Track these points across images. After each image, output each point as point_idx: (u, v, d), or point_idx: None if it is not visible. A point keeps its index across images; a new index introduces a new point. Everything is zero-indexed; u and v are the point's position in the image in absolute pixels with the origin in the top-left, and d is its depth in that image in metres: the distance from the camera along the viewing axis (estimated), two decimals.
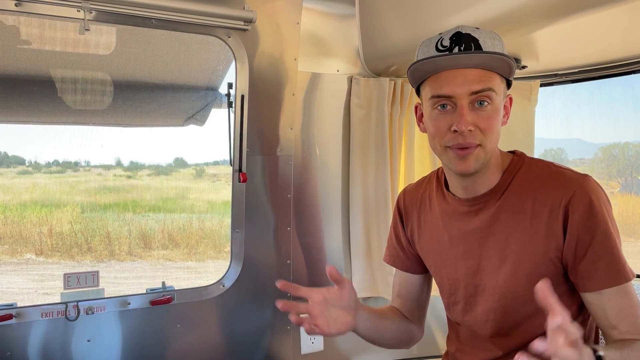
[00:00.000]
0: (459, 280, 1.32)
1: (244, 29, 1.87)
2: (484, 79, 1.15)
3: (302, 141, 2.13)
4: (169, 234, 4.90)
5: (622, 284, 1.14)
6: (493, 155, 1.23)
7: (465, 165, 1.18)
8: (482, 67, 1.16)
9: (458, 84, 1.15)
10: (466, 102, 1.15)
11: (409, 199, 1.49)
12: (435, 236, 1.38)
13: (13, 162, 3.57)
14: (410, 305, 1.51)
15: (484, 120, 1.16)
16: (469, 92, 1.15)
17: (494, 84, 1.16)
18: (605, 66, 2.23)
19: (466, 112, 1.14)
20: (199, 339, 1.99)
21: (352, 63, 2.17)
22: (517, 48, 2.01)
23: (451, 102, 1.17)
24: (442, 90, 1.17)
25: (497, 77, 1.17)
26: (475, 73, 1.15)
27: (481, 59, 1.15)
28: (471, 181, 1.26)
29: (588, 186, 1.17)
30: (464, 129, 1.13)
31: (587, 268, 1.15)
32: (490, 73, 1.16)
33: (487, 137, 1.17)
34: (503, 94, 1.21)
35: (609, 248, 1.14)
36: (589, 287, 1.16)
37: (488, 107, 1.16)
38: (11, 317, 1.69)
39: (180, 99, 2.17)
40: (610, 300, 1.15)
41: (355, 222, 2.19)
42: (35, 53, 1.82)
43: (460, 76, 1.15)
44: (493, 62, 1.15)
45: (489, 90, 1.15)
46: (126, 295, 1.89)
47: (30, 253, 4.25)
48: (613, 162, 3.95)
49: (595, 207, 1.14)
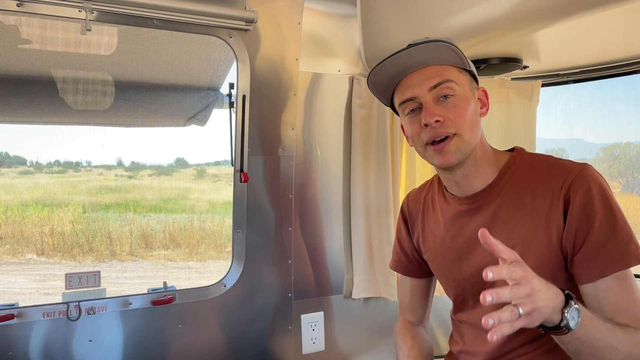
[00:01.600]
0: (465, 280, 1.32)
1: (245, 29, 1.87)
2: (439, 73, 1.21)
3: (303, 141, 2.13)
4: (170, 234, 4.90)
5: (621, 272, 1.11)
6: (478, 146, 1.24)
7: (445, 157, 1.21)
8: (434, 63, 1.22)
9: (416, 84, 1.22)
10: (429, 98, 1.21)
11: (412, 204, 1.49)
12: (439, 239, 1.38)
13: (14, 162, 3.57)
14: (418, 307, 1.54)
15: (451, 110, 1.20)
16: (428, 88, 1.21)
17: (450, 76, 1.22)
18: (606, 66, 2.23)
19: (431, 106, 1.20)
20: (200, 339, 1.99)
21: (353, 63, 2.17)
22: (518, 48, 2.00)
23: (416, 102, 1.23)
24: (405, 95, 1.24)
25: (453, 69, 1.23)
26: (430, 70, 1.22)
27: (428, 54, 1.20)
28: (460, 175, 1.26)
29: (587, 174, 1.16)
30: (430, 120, 1.18)
31: (585, 258, 1.13)
32: (444, 67, 1.22)
33: (459, 126, 1.20)
34: (469, 86, 1.25)
35: (608, 236, 1.12)
36: (586, 278, 1.14)
37: (452, 98, 1.21)
38: (13, 317, 1.70)
39: (182, 99, 2.17)
40: (607, 292, 1.12)
41: (357, 222, 2.19)
42: (37, 53, 1.82)
43: (416, 77, 1.23)
44: (442, 55, 1.21)
45: (448, 82, 1.21)
46: (128, 295, 1.89)
47: (31, 253, 4.25)
48: (614, 163, 3.94)
49: (595, 194, 1.13)
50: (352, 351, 2.25)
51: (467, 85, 1.24)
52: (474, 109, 1.24)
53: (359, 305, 2.23)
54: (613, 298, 1.12)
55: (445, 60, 1.22)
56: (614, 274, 1.12)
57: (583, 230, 1.13)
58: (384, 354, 2.28)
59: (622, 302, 1.12)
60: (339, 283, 2.21)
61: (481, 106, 1.28)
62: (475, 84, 1.28)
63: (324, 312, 2.19)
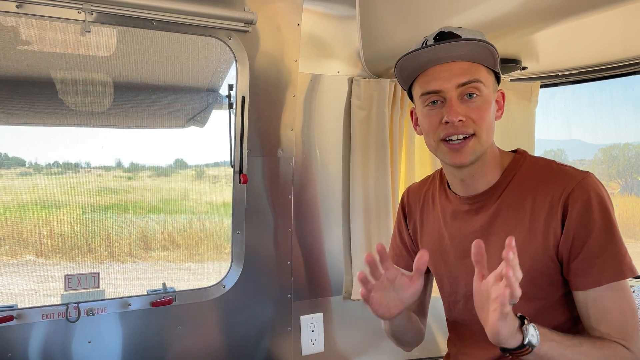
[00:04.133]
0: (459, 279, 1.32)
1: (244, 30, 1.87)
2: (469, 71, 1.18)
3: (302, 142, 2.13)
4: (170, 235, 4.90)
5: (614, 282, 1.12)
6: (489, 147, 1.23)
7: (461, 157, 1.20)
8: (467, 59, 1.18)
9: (445, 78, 1.18)
10: (455, 95, 1.18)
11: (412, 197, 1.49)
12: (436, 234, 1.38)
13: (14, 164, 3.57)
14: (415, 305, 1.52)
15: (475, 110, 1.18)
16: (456, 85, 1.18)
17: (480, 75, 1.19)
18: (605, 67, 2.23)
19: (455, 104, 1.17)
20: (199, 340, 1.99)
21: (352, 64, 2.17)
22: (517, 49, 2.01)
23: (440, 96, 1.19)
24: (430, 86, 1.20)
25: (483, 69, 1.20)
26: (460, 66, 1.18)
27: (463, 49, 1.17)
28: (468, 174, 1.26)
29: (588, 182, 1.16)
30: (454, 119, 1.16)
31: (581, 266, 1.14)
32: (475, 65, 1.19)
33: (480, 127, 1.18)
34: (492, 87, 1.23)
35: (605, 246, 1.13)
36: (580, 285, 1.15)
37: (477, 99, 1.18)
38: (12, 318, 1.69)
39: (181, 101, 2.17)
40: (596, 300, 1.13)
41: (356, 223, 2.19)
42: (36, 54, 1.82)
43: (446, 71, 1.18)
44: (476, 52, 1.18)
45: (476, 82, 1.18)
46: (127, 296, 1.89)
47: (30, 254, 4.25)
48: (613, 163, 3.94)
49: (594, 204, 1.14)
50: (351, 352, 2.25)
51: (491, 87, 1.22)
52: (494, 111, 1.23)
53: (359, 306, 2.23)
54: (601, 307, 1.13)
55: (478, 59, 1.19)
56: (608, 284, 1.12)
57: (580, 239, 1.14)
58: (383, 355, 2.28)
59: (609, 312, 1.13)
60: (338, 284, 2.21)
61: (497, 109, 1.26)
62: (497, 85, 1.26)
63: (323, 313, 2.19)
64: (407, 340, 1.46)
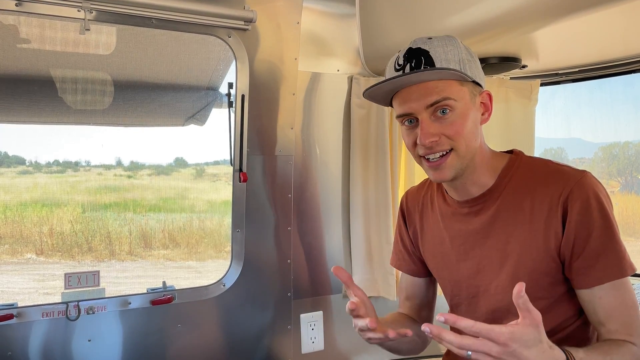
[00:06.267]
0: (461, 282, 1.32)
1: (244, 28, 1.87)
2: (438, 89, 1.17)
3: (302, 141, 2.13)
4: (170, 233, 4.91)
5: (617, 280, 1.14)
6: (473, 156, 1.22)
7: (440, 174, 1.21)
8: (435, 78, 1.18)
9: (414, 100, 1.18)
10: (426, 115, 1.18)
11: (411, 201, 1.50)
12: (436, 238, 1.38)
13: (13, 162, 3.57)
14: (419, 307, 1.52)
15: (448, 127, 1.18)
16: (424, 106, 1.17)
17: (450, 92, 1.17)
18: (605, 65, 2.23)
19: (426, 125, 1.17)
20: (199, 339, 1.99)
21: (352, 63, 2.17)
22: (517, 47, 2.01)
23: (413, 117, 1.20)
24: (402, 109, 1.21)
25: (453, 83, 1.18)
26: (429, 85, 1.17)
27: (428, 75, 1.17)
28: (459, 183, 1.27)
29: (586, 182, 1.17)
30: (425, 142, 1.17)
31: (583, 265, 1.15)
32: (444, 82, 1.18)
33: (457, 142, 1.18)
34: (469, 97, 1.21)
35: (606, 244, 1.14)
36: (583, 284, 1.16)
37: (450, 114, 1.17)
38: (12, 317, 1.70)
39: (181, 99, 2.17)
40: (602, 298, 1.15)
41: (356, 221, 2.19)
42: (36, 53, 1.82)
43: (415, 92, 1.18)
44: (440, 73, 1.17)
45: (446, 100, 1.17)
46: (127, 295, 1.89)
47: (30, 253, 4.25)
48: (613, 162, 3.95)
49: (593, 203, 1.14)
50: (351, 350, 2.25)
51: (467, 98, 1.20)
52: (473, 120, 1.21)
53: None
54: (607, 304, 1.15)
55: (447, 75, 1.18)
56: (612, 282, 1.14)
57: (582, 238, 1.14)
58: (382, 354, 2.28)
59: (615, 308, 1.15)
60: (338, 282, 2.21)
61: (483, 112, 1.24)
62: (479, 88, 1.24)
63: (323, 312, 2.19)
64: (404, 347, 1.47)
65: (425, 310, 1.53)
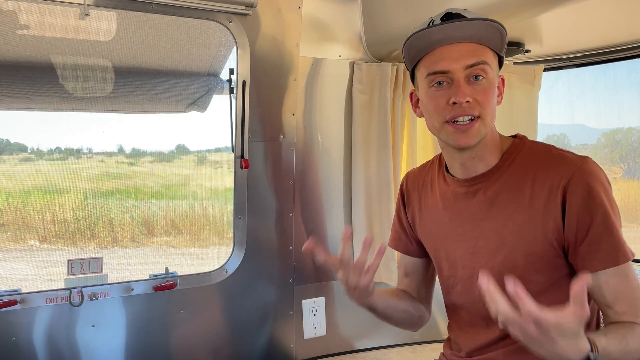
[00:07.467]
0: (457, 262, 1.33)
1: (245, 13, 1.86)
2: (477, 52, 1.18)
3: (304, 127, 2.13)
4: (172, 220, 4.92)
5: (621, 264, 1.14)
6: (490, 130, 1.24)
7: (467, 139, 1.20)
8: (475, 40, 1.18)
9: (453, 59, 1.18)
10: (462, 76, 1.18)
11: (411, 182, 1.50)
12: (435, 218, 1.38)
13: (15, 149, 3.57)
14: (417, 285, 1.53)
15: (481, 93, 1.18)
16: (464, 66, 1.17)
17: (487, 58, 1.19)
18: (609, 50, 2.21)
19: (463, 85, 1.17)
20: (202, 325, 2.00)
21: (354, 48, 2.15)
22: (520, 32, 1.99)
23: (447, 77, 1.19)
24: (437, 67, 1.19)
25: (489, 51, 1.21)
26: (468, 47, 1.18)
27: (473, 29, 1.17)
28: (469, 157, 1.26)
29: (587, 167, 1.17)
30: (462, 100, 1.16)
31: (588, 249, 1.15)
32: (482, 47, 1.19)
33: (485, 110, 1.19)
34: (496, 71, 1.24)
35: (609, 229, 1.14)
36: (588, 268, 1.16)
37: (483, 81, 1.19)
38: (16, 303, 1.71)
39: (182, 85, 2.16)
40: (608, 282, 1.15)
41: (358, 207, 2.19)
42: (36, 40, 1.81)
43: (454, 51, 1.18)
44: (485, 33, 1.18)
45: (483, 64, 1.18)
46: (130, 281, 1.90)
47: (34, 240, 4.27)
48: (616, 148, 3.93)
49: (595, 189, 1.14)
50: (353, 336, 2.27)
51: (495, 71, 1.23)
52: (496, 95, 1.23)
53: None
54: (614, 287, 1.15)
55: (486, 41, 1.19)
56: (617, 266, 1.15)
57: (585, 223, 1.15)
58: (384, 339, 2.30)
59: (622, 291, 1.16)
60: None
61: (498, 94, 1.26)
62: (499, 70, 1.27)
63: (325, 297, 2.21)
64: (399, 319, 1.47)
65: (423, 288, 1.53)
